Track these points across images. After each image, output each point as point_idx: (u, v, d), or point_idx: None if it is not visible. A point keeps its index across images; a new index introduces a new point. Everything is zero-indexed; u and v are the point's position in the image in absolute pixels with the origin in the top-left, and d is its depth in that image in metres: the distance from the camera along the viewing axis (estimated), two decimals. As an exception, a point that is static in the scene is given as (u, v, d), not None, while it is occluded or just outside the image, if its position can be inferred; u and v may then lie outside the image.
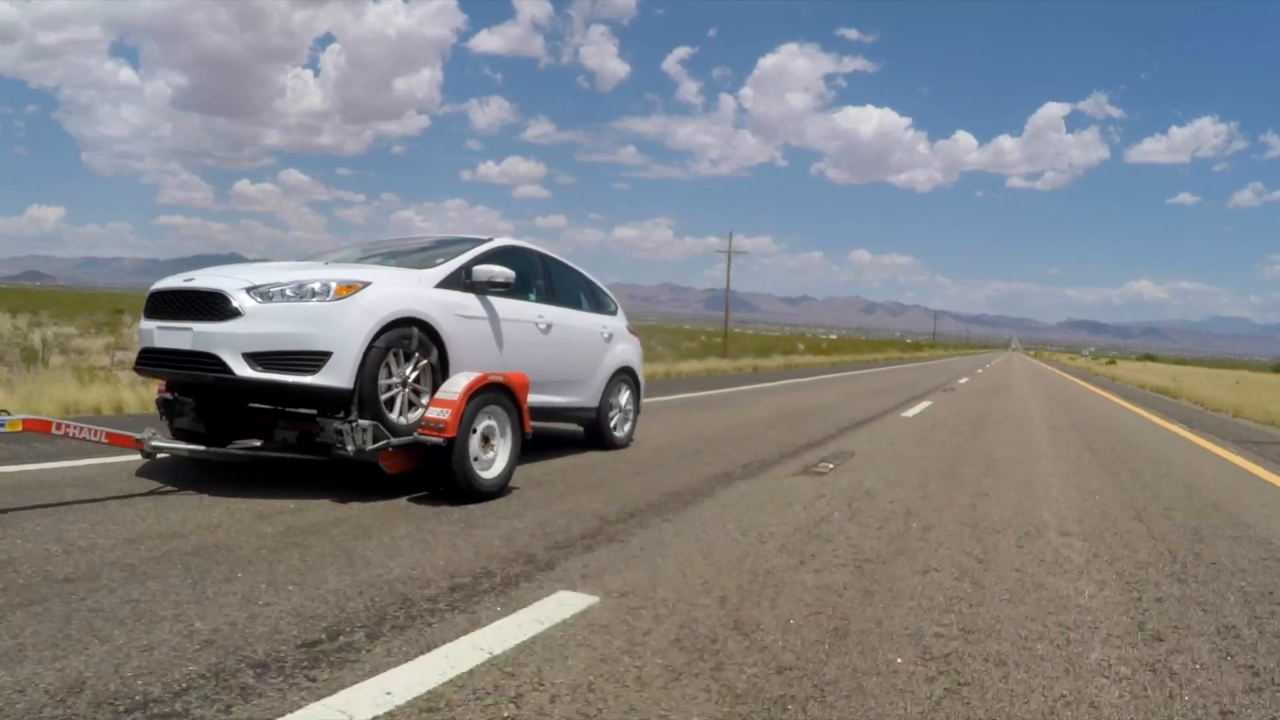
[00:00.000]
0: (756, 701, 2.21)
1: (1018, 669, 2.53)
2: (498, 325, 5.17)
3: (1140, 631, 2.95)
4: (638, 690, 2.24)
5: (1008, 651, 2.67)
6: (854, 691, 2.31)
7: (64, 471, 4.62)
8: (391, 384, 4.40)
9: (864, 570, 3.51)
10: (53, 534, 3.39)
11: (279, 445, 4.83)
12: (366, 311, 4.27)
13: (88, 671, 2.15)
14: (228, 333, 4.13)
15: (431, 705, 2.08)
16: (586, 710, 2.10)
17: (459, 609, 2.78)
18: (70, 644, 2.32)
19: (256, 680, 2.17)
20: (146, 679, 2.13)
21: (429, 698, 2.12)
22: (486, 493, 4.48)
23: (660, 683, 2.29)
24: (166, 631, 2.45)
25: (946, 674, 2.46)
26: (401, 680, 2.20)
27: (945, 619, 2.95)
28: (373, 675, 2.23)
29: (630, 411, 7.00)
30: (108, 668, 2.18)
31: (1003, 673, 2.50)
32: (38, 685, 2.07)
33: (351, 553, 3.37)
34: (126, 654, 2.27)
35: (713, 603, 3.00)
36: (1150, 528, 4.71)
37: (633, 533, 3.94)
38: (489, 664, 2.35)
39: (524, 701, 2.13)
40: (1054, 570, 3.68)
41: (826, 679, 2.38)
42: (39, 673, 2.13)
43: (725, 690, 2.26)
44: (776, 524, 4.27)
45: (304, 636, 2.48)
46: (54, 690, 2.04)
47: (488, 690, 2.19)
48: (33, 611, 2.55)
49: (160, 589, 2.81)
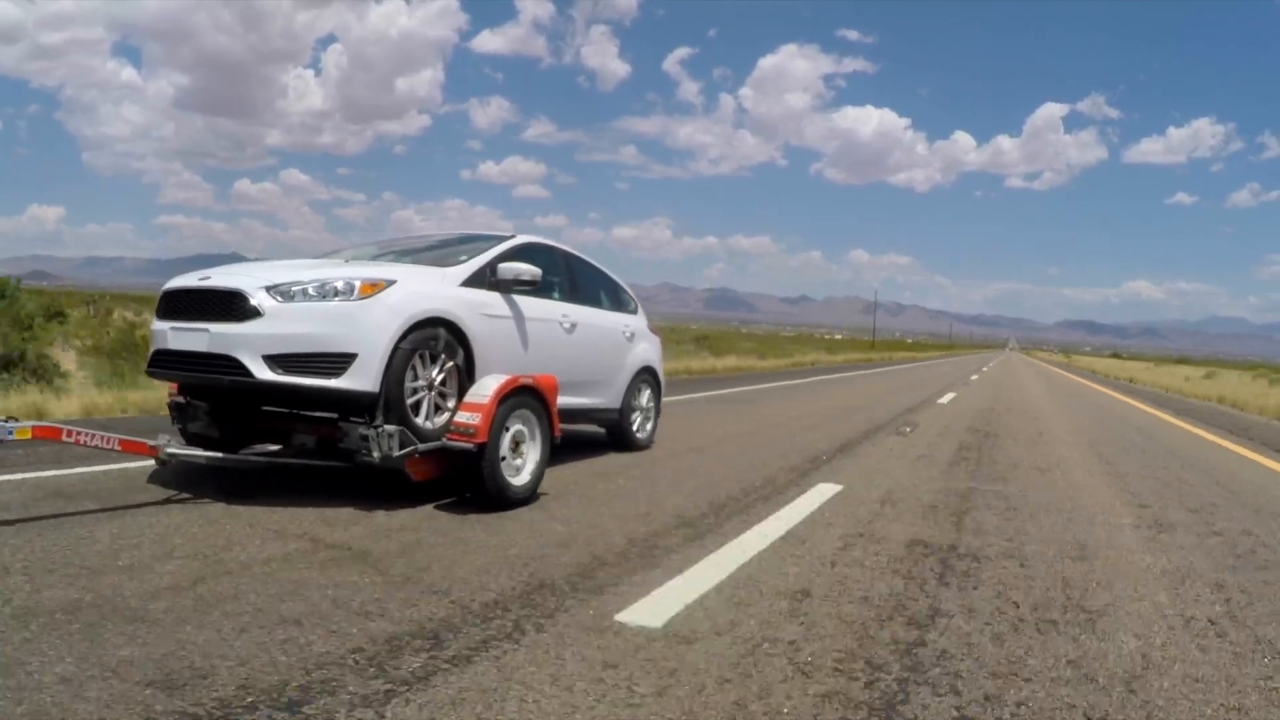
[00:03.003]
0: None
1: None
2: (523, 325, 4.98)
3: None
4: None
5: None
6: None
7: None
8: (417, 387, 4.20)
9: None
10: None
11: (297, 451, 4.64)
12: (392, 311, 4.07)
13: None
14: (247, 334, 3.93)
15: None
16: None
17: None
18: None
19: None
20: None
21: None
22: (517, 500, 4.29)
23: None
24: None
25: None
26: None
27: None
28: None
29: (651, 412, 6.82)
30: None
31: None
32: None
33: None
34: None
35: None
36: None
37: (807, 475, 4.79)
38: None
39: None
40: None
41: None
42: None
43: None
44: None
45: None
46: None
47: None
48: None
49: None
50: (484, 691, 2.15)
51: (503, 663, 2.34)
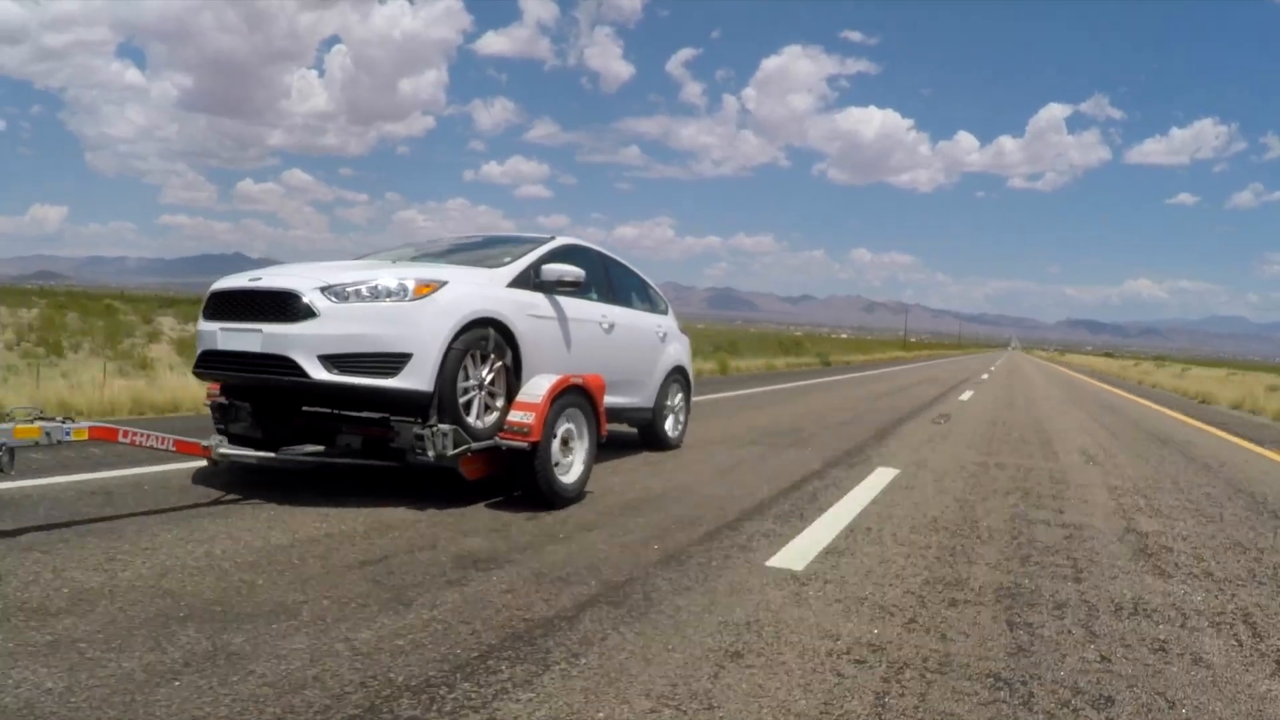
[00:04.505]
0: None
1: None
2: (566, 325, 5.00)
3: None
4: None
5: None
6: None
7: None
8: (469, 386, 4.22)
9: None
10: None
11: (342, 450, 4.66)
12: (445, 311, 4.09)
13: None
14: (302, 334, 3.94)
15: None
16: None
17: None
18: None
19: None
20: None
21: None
22: (566, 497, 4.32)
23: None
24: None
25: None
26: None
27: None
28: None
29: (682, 411, 6.85)
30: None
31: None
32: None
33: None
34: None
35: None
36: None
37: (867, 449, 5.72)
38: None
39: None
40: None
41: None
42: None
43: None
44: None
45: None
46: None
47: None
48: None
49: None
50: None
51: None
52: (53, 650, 2.23)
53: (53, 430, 3.57)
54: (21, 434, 3.48)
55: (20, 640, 2.28)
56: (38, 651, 2.22)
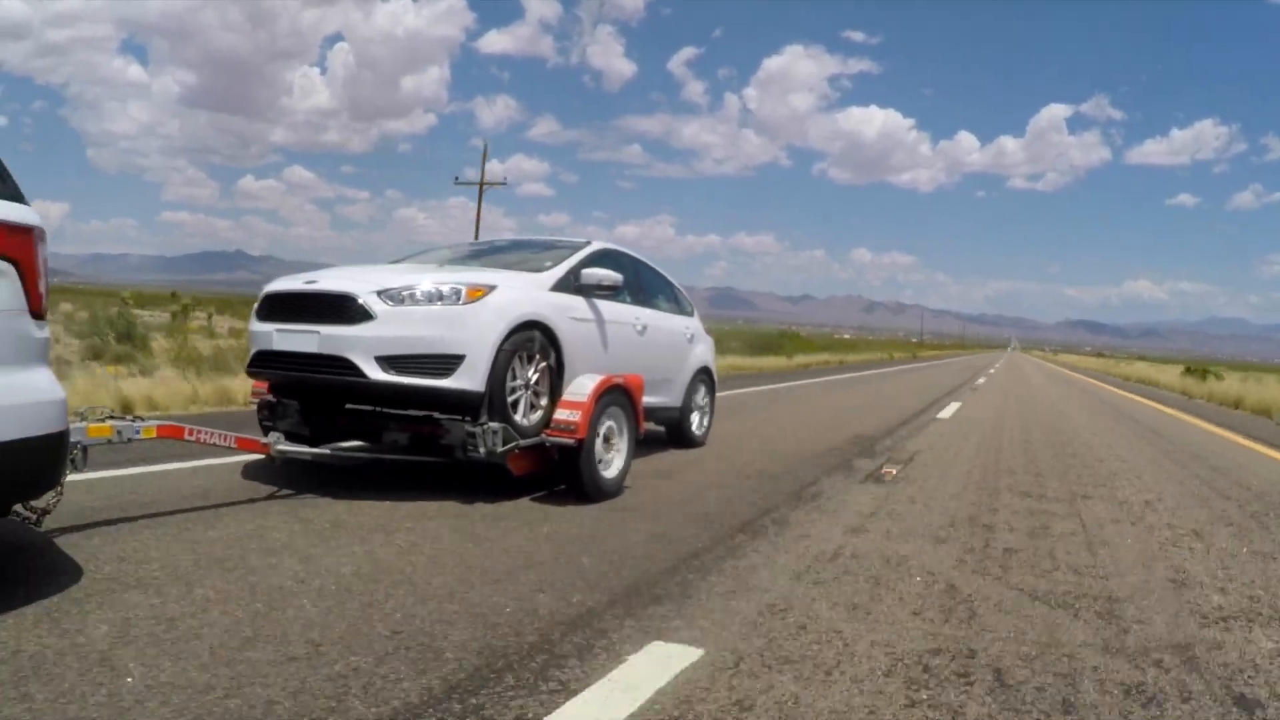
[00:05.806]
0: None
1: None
2: (604, 327, 5.19)
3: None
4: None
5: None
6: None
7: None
8: (516, 386, 4.41)
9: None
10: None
11: (389, 447, 4.83)
12: (496, 314, 4.28)
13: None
14: (359, 336, 4.12)
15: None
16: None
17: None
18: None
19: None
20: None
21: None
22: (607, 491, 4.51)
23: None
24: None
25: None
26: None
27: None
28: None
29: (707, 409, 7.04)
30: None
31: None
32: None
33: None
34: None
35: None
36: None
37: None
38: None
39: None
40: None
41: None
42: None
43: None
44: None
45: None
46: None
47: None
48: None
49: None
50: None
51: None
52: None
53: (124, 428, 3.74)
54: (94, 433, 3.65)
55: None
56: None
